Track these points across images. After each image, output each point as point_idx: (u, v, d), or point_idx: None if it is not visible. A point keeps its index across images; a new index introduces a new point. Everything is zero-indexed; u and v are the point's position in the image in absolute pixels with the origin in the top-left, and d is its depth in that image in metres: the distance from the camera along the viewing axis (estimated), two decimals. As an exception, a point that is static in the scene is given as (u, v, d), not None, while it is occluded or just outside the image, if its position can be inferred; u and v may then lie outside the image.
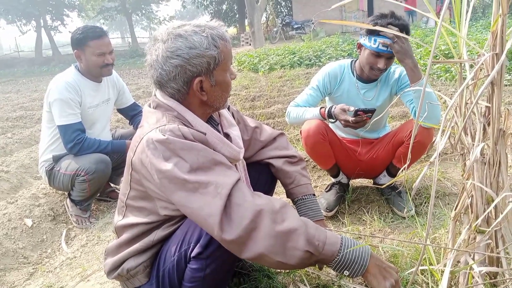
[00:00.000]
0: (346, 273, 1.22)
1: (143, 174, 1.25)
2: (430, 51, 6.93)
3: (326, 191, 2.54)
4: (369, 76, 2.24)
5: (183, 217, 1.31)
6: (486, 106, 1.30)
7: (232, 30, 29.02)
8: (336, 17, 18.82)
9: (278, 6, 26.48)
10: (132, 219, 1.36)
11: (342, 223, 2.29)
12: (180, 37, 1.24)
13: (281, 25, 19.95)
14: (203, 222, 1.15)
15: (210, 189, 1.16)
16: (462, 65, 1.40)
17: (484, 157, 1.30)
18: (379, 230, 2.14)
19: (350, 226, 2.21)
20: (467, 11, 1.31)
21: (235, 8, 27.05)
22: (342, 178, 2.55)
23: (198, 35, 1.25)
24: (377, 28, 1.31)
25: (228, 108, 1.63)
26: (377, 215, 2.28)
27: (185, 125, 1.27)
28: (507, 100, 4.60)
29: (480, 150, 1.24)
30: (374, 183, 2.60)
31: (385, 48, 2.04)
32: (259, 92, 6.49)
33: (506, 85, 5.40)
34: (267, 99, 5.95)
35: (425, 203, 2.42)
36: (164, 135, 1.18)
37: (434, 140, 1.29)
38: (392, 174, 2.43)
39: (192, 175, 1.16)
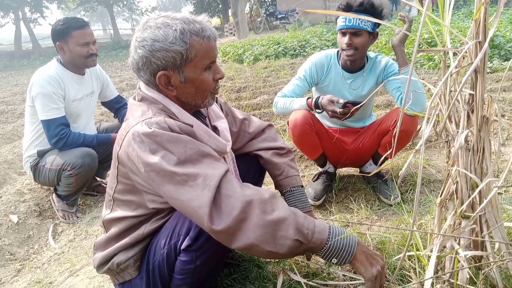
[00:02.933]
0: (334, 261, 1.24)
1: (130, 168, 1.24)
2: (413, 39, 6.98)
3: (314, 181, 2.56)
4: (346, 62, 2.29)
5: (172, 210, 1.31)
6: (470, 94, 1.32)
7: (215, 21, 28.78)
8: (320, 6, 18.80)
9: (262, -4, 26.31)
10: (120, 212, 1.35)
11: (330, 211, 2.32)
12: (149, 28, 1.24)
13: (265, 15, 19.85)
14: (193, 214, 1.15)
15: (198, 181, 1.15)
16: (446, 53, 1.42)
17: (468, 144, 1.32)
18: (366, 218, 2.17)
19: (338, 215, 2.23)
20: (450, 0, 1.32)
21: (218, -2, 26.80)
22: (329, 167, 2.57)
23: (167, 28, 1.23)
24: (372, 19, 1.32)
25: (216, 101, 1.63)
26: (364, 203, 2.31)
27: (171, 118, 1.27)
28: (489, 88, 4.67)
29: (464, 137, 1.26)
30: (361, 172, 2.63)
31: (343, 23, 2.13)
32: (244, 83, 6.47)
33: (488, 73, 5.48)
34: (252, 90, 5.94)
35: (411, 190, 2.46)
36: (150, 128, 1.17)
37: (419, 128, 1.31)
38: (378, 163, 2.46)
39: (180, 167, 1.16)
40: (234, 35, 17.72)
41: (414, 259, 1.52)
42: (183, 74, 1.28)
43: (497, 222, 1.28)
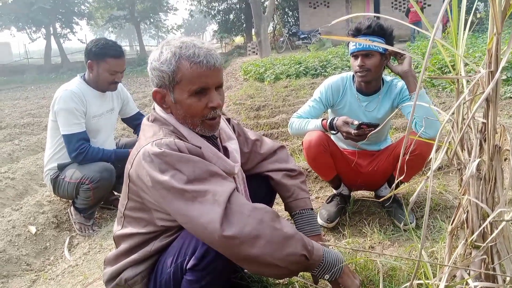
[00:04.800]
0: (326, 277, 1.33)
1: (140, 186, 1.28)
2: (434, 63, 6.94)
3: (327, 203, 2.55)
4: (361, 85, 2.31)
5: (180, 228, 1.33)
6: (483, 122, 1.31)
7: (239, 39, 29.23)
8: (343, 27, 18.89)
9: (285, 16, 26.63)
10: (130, 229, 1.39)
11: (343, 235, 2.30)
12: (159, 47, 1.35)
13: (287, 35, 20.04)
14: (202, 229, 1.17)
15: (208, 197, 1.19)
16: (460, 80, 1.42)
17: (480, 173, 1.31)
18: (379, 243, 2.14)
19: (350, 238, 2.21)
20: (464, 28, 1.33)
21: (242, 17, 27.23)
22: (343, 189, 2.56)
23: (166, 49, 1.31)
24: (386, 46, 1.33)
25: (229, 121, 1.66)
26: (377, 228, 2.28)
27: (181, 140, 1.31)
28: (511, 114, 4.59)
29: (476, 165, 1.25)
30: (376, 195, 2.61)
31: (354, 47, 2.17)
32: (264, 102, 6.53)
33: (511, 98, 5.39)
34: (271, 108, 5.98)
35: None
36: (161, 149, 1.22)
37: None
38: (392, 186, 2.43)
39: (190, 185, 1.20)
40: (257, 54, 17.92)
41: (425, 288, 1.50)
42: (173, 95, 1.34)
43: (509, 253, 1.26)
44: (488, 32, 1.23)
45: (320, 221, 2.40)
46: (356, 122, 2.08)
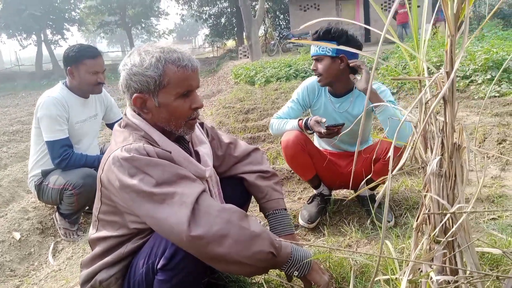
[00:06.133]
0: (295, 273, 1.36)
1: (111, 191, 1.31)
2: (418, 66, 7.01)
3: (308, 203, 2.59)
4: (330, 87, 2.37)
5: (152, 231, 1.36)
6: (444, 121, 1.36)
7: (231, 43, 29.31)
8: (333, 29, 19.01)
9: (276, 19, 26.74)
10: (104, 232, 1.42)
11: (323, 234, 2.34)
12: (133, 54, 1.36)
13: (278, 38, 20.12)
14: (170, 230, 1.21)
15: (176, 199, 1.23)
16: (423, 82, 1.47)
17: (441, 170, 1.36)
18: (356, 241, 2.19)
19: (329, 237, 2.25)
20: (426, 32, 1.38)
21: (234, 21, 27.32)
22: (323, 189, 2.60)
23: (146, 55, 1.33)
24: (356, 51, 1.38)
25: (202, 126, 1.70)
26: (356, 227, 2.33)
27: (152, 145, 1.34)
28: (495, 111, 4.66)
29: (437, 163, 1.30)
30: (356, 195, 2.65)
31: (312, 51, 2.27)
32: (253, 105, 6.57)
33: (496, 97, 5.47)
34: (260, 111, 6.02)
35: (405, 214, 2.47)
36: (130, 154, 1.25)
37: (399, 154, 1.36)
38: (371, 188, 2.48)
39: (158, 188, 1.23)
40: (248, 57, 17.97)
41: (394, 283, 1.54)
42: (157, 99, 1.36)
43: (468, 247, 1.30)
44: (446, 34, 1.28)
45: (301, 221, 2.44)
46: (324, 120, 2.14)
